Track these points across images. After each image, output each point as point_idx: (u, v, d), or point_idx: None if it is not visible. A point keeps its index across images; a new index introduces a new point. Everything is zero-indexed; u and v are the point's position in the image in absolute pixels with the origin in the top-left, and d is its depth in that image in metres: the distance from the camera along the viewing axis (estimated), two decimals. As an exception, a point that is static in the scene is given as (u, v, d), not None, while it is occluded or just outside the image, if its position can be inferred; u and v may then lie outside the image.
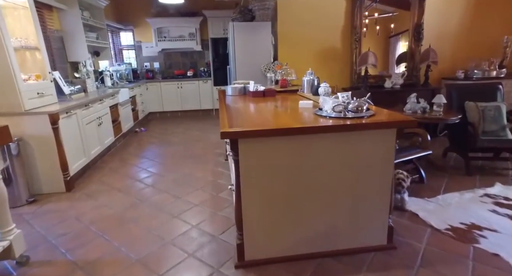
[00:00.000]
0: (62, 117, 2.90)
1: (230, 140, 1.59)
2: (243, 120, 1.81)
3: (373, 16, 4.62)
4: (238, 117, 1.93)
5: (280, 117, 1.88)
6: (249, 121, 1.79)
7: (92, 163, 3.64)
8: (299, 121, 1.72)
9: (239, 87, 3.00)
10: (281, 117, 1.88)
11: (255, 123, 1.74)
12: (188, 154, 4.00)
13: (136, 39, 6.72)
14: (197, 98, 6.61)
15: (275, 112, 2.08)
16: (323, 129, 1.61)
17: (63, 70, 4.14)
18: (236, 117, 1.93)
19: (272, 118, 1.85)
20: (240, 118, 1.86)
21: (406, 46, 4.86)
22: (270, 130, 1.57)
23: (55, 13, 4.06)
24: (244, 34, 4.10)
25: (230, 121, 1.78)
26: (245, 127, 1.60)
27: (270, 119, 1.83)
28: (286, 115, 1.96)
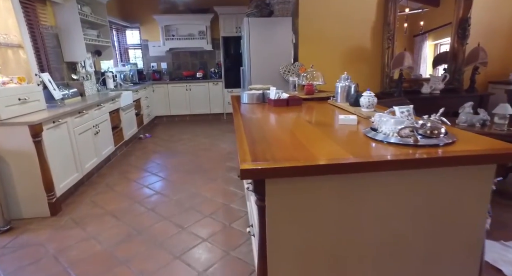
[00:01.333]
0: (47, 127, 2.45)
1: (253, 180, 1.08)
2: (269, 145, 1.30)
3: (403, 12, 4.07)
4: (261, 139, 1.42)
5: (318, 140, 1.37)
6: (277, 146, 1.28)
7: (87, 178, 3.19)
8: (349, 149, 1.20)
9: (257, 93, 2.49)
10: (320, 140, 1.36)
11: (287, 150, 1.23)
12: (195, 167, 3.51)
13: (143, 38, 6.29)
14: (206, 102, 6.14)
15: (308, 130, 1.57)
16: (391, 164, 1.08)
17: (58, 71, 3.72)
18: (259, 138, 1.42)
19: (308, 142, 1.33)
20: (264, 142, 1.35)
21: (433, 45, 4.31)
22: (314, 167, 1.05)
23: (49, 7, 3.63)
24: (260, 31, 3.59)
25: (252, 147, 1.27)
26: (275, 161, 1.09)
27: (305, 143, 1.32)
28: (325, 136, 1.44)
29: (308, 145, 1.29)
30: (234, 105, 2.53)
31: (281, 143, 1.33)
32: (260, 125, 1.75)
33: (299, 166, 1.05)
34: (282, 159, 1.11)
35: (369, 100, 1.83)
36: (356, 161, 1.07)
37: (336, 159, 1.09)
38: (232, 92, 6.08)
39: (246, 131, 1.58)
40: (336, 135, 1.45)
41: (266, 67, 3.71)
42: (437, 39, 4.40)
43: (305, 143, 1.31)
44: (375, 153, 1.16)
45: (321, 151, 1.20)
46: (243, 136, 1.46)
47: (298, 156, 1.14)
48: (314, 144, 1.29)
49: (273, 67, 3.72)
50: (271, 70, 3.72)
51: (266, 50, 3.66)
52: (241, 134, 1.50)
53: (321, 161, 1.07)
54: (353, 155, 1.13)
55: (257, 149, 1.25)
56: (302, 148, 1.24)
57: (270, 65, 3.71)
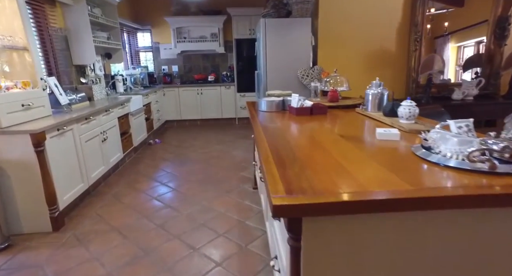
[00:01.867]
0: (50, 135, 2.28)
1: (288, 217, 0.86)
2: (303, 168, 1.07)
3: (429, 12, 3.80)
4: (290, 157, 1.20)
5: (360, 161, 1.13)
6: (312, 169, 1.06)
7: (93, 188, 3.02)
8: (403, 176, 0.97)
9: (277, 101, 2.27)
10: (361, 162, 1.13)
11: (326, 175, 1.00)
12: (207, 177, 3.31)
13: (154, 40, 6.16)
14: (218, 106, 5.95)
15: (343, 147, 1.33)
16: (468, 201, 0.84)
17: (67, 75, 3.58)
18: (287, 157, 1.20)
19: (348, 164, 1.10)
20: (296, 163, 1.13)
21: (456, 48, 4.02)
22: (368, 204, 0.82)
23: (58, 8, 3.50)
24: (277, 33, 3.38)
25: (282, 170, 1.05)
26: (316, 193, 0.87)
27: (345, 165, 1.09)
28: (365, 155, 1.21)
29: (350, 168, 1.06)
30: (251, 113, 2.31)
31: (316, 164, 1.10)
32: (285, 138, 1.52)
33: (349, 201, 0.82)
34: (324, 190, 0.88)
35: (409, 110, 1.58)
36: (423, 195, 0.83)
37: (394, 192, 0.85)
38: (244, 96, 5.87)
39: (270, 147, 1.36)
40: (378, 154, 1.21)
41: (283, 71, 3.49)
42: (460, 41, 4.10)
43: (345, 166, 1.08)
44: (437, 182, 0.92)
45: (369, 178, 0.97)
46: (268, 155, 1.23)
47: (342, 185, 0.91)
48: (357, 167, 1.06)
49: (290, 71, 3.49)
50: (288, 74, 3.50)
51: (283, 52, 3.45)
52: (265, 152, 1.28)
53: (377, 195, 0.84)
54: (411, 185, 0.89)
55: (289, 173, 1.02)
56: (344, 173, 1.01)
57: (287, 69, 3.49)
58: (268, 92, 2.58)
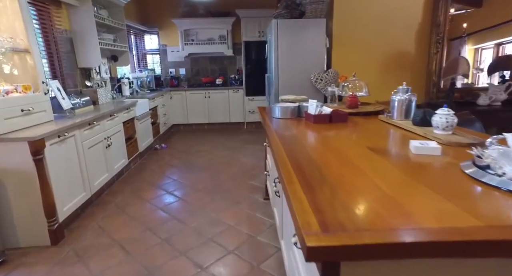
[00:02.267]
0: (50, 142, 2.14)
1: (324, 260, 0.69)
2: (335, 193, 0.90)
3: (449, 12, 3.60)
4: (318, 178, 1.02)
5: (403, 184, 0.95)
6: (348, 194, 0.88)
7: (96, 196, 2.88)
8: (464, 205, 0.78)
9: (292, 107, 2.10)
10: (405, 184, 0.95)
11: (367, 204, 0.82)
12: (215, 186, 3.14)
13: (161, 43, 6.05)
14: (226, 110, 5.80)
15: (378, 164, 1.16)
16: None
17: (71, 78, 3.46)
18: (315, 178, 1.02)
19: (389, 188, 0.92)
20: (326, 186, 0.95)
21: (473, 50, 3.81)
22: (430, 246, 0.64)
23: (64, 10, 3.40)
24: (290, 34, 3.21)
25: (311, 195, 0.87)
26: (358, 230, 0.69)
27: (386, 190, 0.91)
28: (405, 174, 1.03)
29: (392, 192, 0.88)
30: (264, 119, 2.14)
31: (349, 187, 0.93)
32: (306, 151, 1.35)
33: (405, 243, 0.64)
34: (368, 225, 0.71)
35: (447, 120, 1.40)
36: (505, 238, 0.65)
37: (462, 231, 0.67)
38: (253, 100, 5.71)
39: (291, 162, 1.18)
40: (422, 174, 1.03)
41: (295, 74, 3.33)
42: (478, 43, 3.89)
43: (386, 189, 0.90)
44: (507, 214, 0.74)
45: (421, 207, 0.79)
46: (291, 173, 1.06)
47: (388, 218, 0.74)
48: (401, 192, 0.88)
49: (303, 74, 3.32)
50: (300, 77, 3.33)
51: (295, 55, 3.28)
52: (287, 169, 1.11)
53: (442, 234, 0.66)
54: (478, 219, 0.71)
55: (319, 199, 0.85)
56: (387, 200, 0.83)
57: (299, 72, 3.32)
58: (281, 97, 2.42)
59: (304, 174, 1.05)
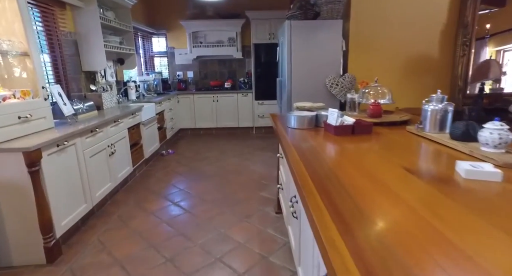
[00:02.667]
0: (48, 153, 1.99)
1: None
2: (379, 234, 0.71)
3: (473, 13, 3.36)
4: (350, 210, 0.83)
5: (463, 222, 0.76)
6: (390, 234, 0.69)
7: (98, 207, 2.73)
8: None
9: (309, 116, 1.91)
10: (466, 223, 0.75)
11: (416, 249, 0.63)
12: (223, 197, 2.96)
13: (169, 45, 5.93)
14: (235, 114, 5.63)
15: (419, 190, 0.96)
16: None
17: (76, 82, 3.34)
18: (347, 210, 0.83)
19: (447, 228, 0.73)
20: (366, 224, 0.76)
21: (494, 52, 3.56)
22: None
23: (68, 11, 3.27)
24: (304, 36, 3.03)
25: (349, 239, 0.68)
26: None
27: (443, 230, 0.71)
28: (464, 208, 0.83)
29: (454, 236, 0.68)
30: (278, 129, 1.96)
31: (396, 226, 0.73)
32: (332, 171, 1.15)
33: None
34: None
35: (500, 136, 1.19)
36: None
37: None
38: (262, 104, 5.53)
39: (316, 186, 0.99)
40: (485, 208, 0.82)
41: (309, 78, 3.13)
42: (500, 45, 3.64)
43: (444, 231, 0.70)
44: None
45: (503, 265, 0.59)
46: (318, 203, 0.87)
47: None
48: (465, 236, 0.68)
49: (317, 79, 3.13)
50: (315, 82, 3.14)
51: (310, 58, 3.09)
52: (312, 196, 0.92)
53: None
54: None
55: (361, 244, 0.66)
56: (451, 249, 0.63)
57: (314, 76, 3.13)
58: (297, 105, 2.23)
59: (333, 203, 0.86)
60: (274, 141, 5.08)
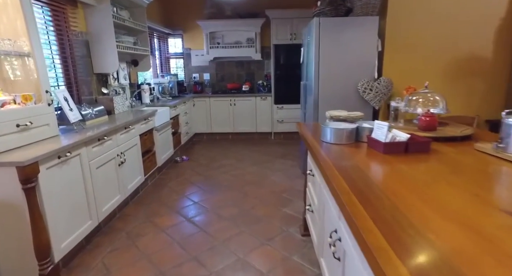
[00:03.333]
0: (47, 166, 1.76)
1: None
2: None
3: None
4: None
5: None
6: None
7: (105, 222, 2.49)
8: None
9: (350, 129, 1.59)
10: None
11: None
12: (242, 214, 2.67)
13: (185, 46, 5.71)
14: (252, 119, 5.34)
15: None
16: None
17: (86, 85, 3.14)
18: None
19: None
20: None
21: None
22: None
23: (80, 9, 3.08)
24: (334, 35, 2.71)
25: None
26: None
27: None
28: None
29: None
30: (309, 142, 1.64)
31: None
32: (394, 206, 0.83)
33: None
34: None
35: None
36: None
37: None
38: (282, 108, 5.22)
39: (378, 225, 0.68)
40: None
41: (338, 82, 2.81)
42: None
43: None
44: None
45: None
46: (391, 258, 0.55)
47: None
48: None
49: (348, 83, 2.80)
50: (345, 86, 2.81)
51: (340, 59, 2.76)
52: (378, 245, 0.60)
53: None
54: None
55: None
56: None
57: (344, 80, 2.80)
58: (330, 113, 1.91)
59: (401, 242, 0.55)
60: (294, 148, 4.76)
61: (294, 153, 4.52)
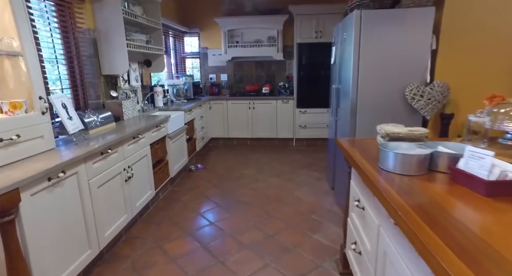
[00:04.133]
0: (33, 191, 1.43)
1: None
2: None
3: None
4: None
5: None
6: None
7: (108, 248, 2.16)
8: None
9: (423, 156, 1.16)
10: None
11: None
12: (265, 240, 2.28)
13: (202, 45, 5.38)
14: (272, 123, 4.94)
15: None
16: None
17: (94, 88, 2.83)
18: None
19: None
20: None
21: None
22: None
23: (87, 4, 2.77)
24: (378, 31, 2.28)
25: None
26: None
27: None
28: None
29: None
30: (365, 170, 1.23)
31: None
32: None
33: None
34: None
35: None
36: None
37: None
38: (305, 112, 4.79)
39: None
40: None
41: (381, 86, 2.37)
42: None
43: None
44: None
45: None
46: None
47: None
48: None
49: (393, 87, 2.36)
50: (389, 91, 2.37)
51: (384, 60, 2.33)
52: None
53: None
54: None
55: None
56: None
57: (388, 84, 2.36)
58: (384, 129, 1.48)
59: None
60: (319, 157, 4.33)
61: (318, 162, 4.09)
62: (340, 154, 2.72)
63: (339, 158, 2.80)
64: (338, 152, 2.86)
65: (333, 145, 3.03)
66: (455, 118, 2.30)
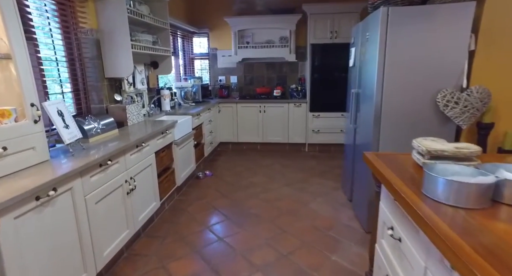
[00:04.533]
0: (18, 213, 1.25)
1: None
2: None
3: None
4: None
5: None
6: None
7: (108, 267, 1.97)
8: None
9: (484, 185, 0.93)
10: None
11: None
12: (279, 261, 2.06)
13: (211, 46, 5.19)
14: (284, 127, 4.72)
15: None
16: None
17: (97, 92, 2.67)
18: None
19: None
20: None
21: None
22: None
23: (90, 3, 2.61)
24: (407, 30, 2.04)
25: None
26: None
27: None
28: None
29: None
30: (407, 197, 1.01)
31: None
32: None
33: None
34: None
35: None
36: None
37: None
38: (319, 117, 4.56)
39: None
40: None
41: (409, 91, 2.13)
42: None
43: None
44: None
45: None
46: None
47: None
48: None
49: (422, 92, 2.11)
50: (417, 97, 2.13)
51: (414, 62, 2.09)
52: None
53: None
54: None
55: None
56: None
57: (416, 89, 2.12)
58: (426, 145, 1.26)
59: None
60: (333, 164, 4.09)
61: (333, 170, 3.85)
62: (360, 162, 2.48)
63: (358, 167, 2.56)
64: (356, 160, 2.62)
65: (351, 153, 2.80)
66: (495, 128, 2.04)
